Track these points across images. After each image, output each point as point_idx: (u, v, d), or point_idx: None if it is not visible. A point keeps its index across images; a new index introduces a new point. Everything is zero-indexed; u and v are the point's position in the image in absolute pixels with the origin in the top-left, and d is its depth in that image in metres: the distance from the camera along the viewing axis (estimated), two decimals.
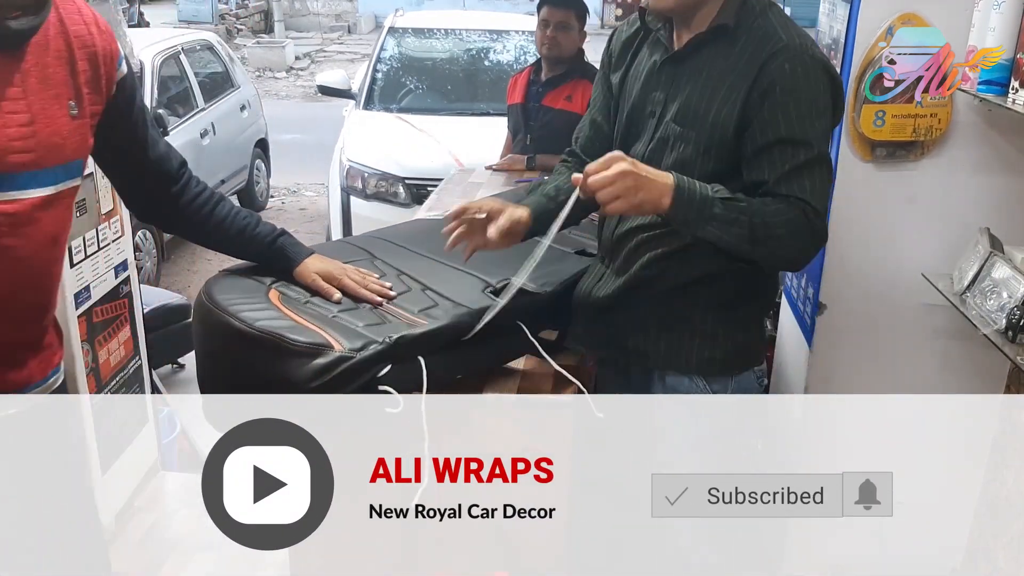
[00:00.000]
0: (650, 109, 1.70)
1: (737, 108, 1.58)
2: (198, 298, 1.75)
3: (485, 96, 5.80)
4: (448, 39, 6.16)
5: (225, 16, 17.01)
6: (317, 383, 1.53)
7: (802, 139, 1.56)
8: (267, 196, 7.41)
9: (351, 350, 1.56)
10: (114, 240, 2.58)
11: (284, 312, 1.67)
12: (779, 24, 1.60)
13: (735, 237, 1.55)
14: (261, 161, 7.30)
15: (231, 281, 1.81)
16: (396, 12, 6.39)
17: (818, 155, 1.58)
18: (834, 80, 1.62)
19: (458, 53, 6.10)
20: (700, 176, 1.57)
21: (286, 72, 13.98)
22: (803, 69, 1.56)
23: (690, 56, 1.65)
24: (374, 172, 4.91)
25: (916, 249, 2.14)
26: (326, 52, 15.51)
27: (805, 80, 1.56)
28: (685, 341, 1.72)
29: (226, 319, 1.63)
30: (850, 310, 2.20)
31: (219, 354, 1.71)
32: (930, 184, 2.11)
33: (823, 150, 1.60)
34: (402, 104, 5.66)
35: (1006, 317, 1.81)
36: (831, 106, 1.62)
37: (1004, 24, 1.82)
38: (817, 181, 1.58)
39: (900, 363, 2.24)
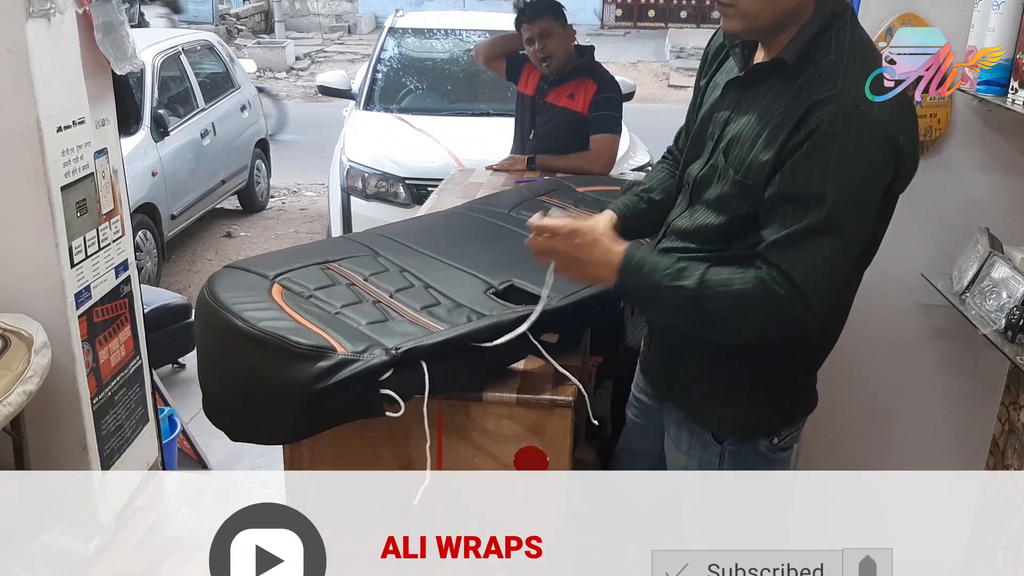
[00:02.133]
0: (711, 129, 1.56)
1: (772, 154, 1.40)
2: (200, 295, 1.74)
3: (485, 96, 5.80)
4: (448, 39, 6.17)
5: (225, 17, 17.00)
6: (320, 386, 1.53)
7: (816, 200, 1.35)
8: (267, 196, 7.41)
9: (354, 353, 1.56)
10: (115, 240, 2.58)
11: (287, 311, 1.67)
12: (847, 67, 1.38)
13: (682, 322, 1.48)
14: (261, 161, 7.30)
15: (234, 278, 1.81)
16: (396, 12, 6.40)
17: (828, 223, 1.35)
18: (892, 143, 1.37)
19: (458, 53, 6.10)
20: (735, 217, 1.46)
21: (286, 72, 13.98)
22: (847, 122, 1.34)
23: (753, 83, 1.49)
24: (374, 172, 4.92)
25: (915, 249, 2.14)
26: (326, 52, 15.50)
27: (845, 135, 1.33)
28: (705, 388, 1.60)
29: (229, 318, 1.63)
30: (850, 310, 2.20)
31: (221, 353, 1.71)
32: (929, 184, 2.10)
33: (839, 222, 1.36)
34: (402, 104, 5.66)
35: (1005, 317, 1.81)
36: (877, 173, 1.38)
37: (1003, 24, 1.82)
38: (812, 254, 1.36)
39: (900, 363, 2.24)
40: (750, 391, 1.57)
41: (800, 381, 1.63)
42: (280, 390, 1.58)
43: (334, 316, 1.67)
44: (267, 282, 1.78)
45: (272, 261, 1.93)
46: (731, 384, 1.57)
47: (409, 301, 1.75)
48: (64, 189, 2.30)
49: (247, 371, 1.64)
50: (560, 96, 3.45)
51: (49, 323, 2.29)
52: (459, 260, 1.95)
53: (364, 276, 1.87)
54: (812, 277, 1.36)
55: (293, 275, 1.83)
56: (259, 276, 1.81)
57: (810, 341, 1.55)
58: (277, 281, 1.79)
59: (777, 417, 1.61)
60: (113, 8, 2.41)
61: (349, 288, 1.81)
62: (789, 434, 1.63)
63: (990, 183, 2.10)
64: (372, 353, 1.55)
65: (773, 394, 1.59)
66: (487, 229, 2.23)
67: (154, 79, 5.66)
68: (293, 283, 1.79)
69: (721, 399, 1.58)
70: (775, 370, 1.56)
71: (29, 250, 2.30)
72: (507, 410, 1.68)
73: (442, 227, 2.28)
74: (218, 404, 1.73)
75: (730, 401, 1.58)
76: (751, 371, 1.55)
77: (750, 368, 1.55)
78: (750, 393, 1.57)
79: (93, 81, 2.43)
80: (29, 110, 2.19)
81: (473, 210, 2.43)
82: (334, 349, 1.56)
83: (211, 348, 1.73)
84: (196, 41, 6.71)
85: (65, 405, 2.43)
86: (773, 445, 1.61)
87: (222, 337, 1.66)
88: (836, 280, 1.41)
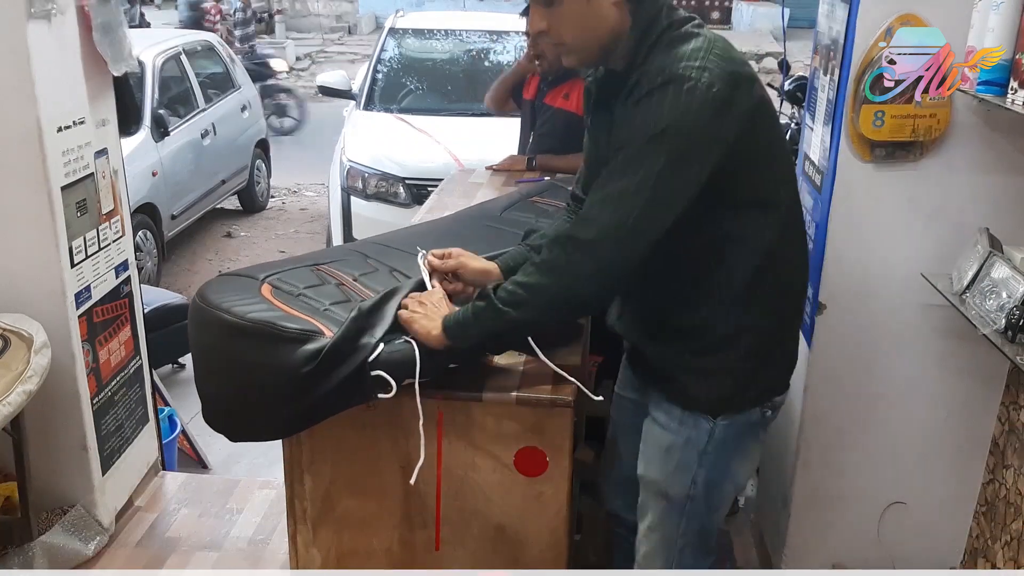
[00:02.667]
0: (602, 155, 1.61)
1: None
2: (192, 301, 1.76)
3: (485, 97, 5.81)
4: (448, 40, 6.17)
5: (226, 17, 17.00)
6: (308, 368, 1.54)
7: (623, 145, 1.45)
8: (268, 196, 7.41)
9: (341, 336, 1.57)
10: (115, 240, 2.58)
11: (276, 304, 1.69)
12: (671, 60, 1.44)
13: (511, 327, 1.54)
14: (262, 161, 7.31)
15: (225, 283, 1.83)
16: (397, 13, 6.40)
17: (634, 153, 1.42)
18: (727, 79, 1.42)
19: (458, 54, 6.10)
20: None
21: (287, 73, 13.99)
22: (669, 80, 1.41)
23: (611, 101, 1.58)
24: (374, 172, 4.92)
25: (915, 249, 2.14)
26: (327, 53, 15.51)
27: (662, 90, 1.41)
28: (693, 375, 1.64)
29: (218, 315, 1.65)
30: (849, 310, 2.20)
31: (213, 351, 1.71)
32: (929, 184, 2.11)
33: (644, 152, 1.42)
34: (402, 104, 5.67)
35: (1005, 317, 1.81)
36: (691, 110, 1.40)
37: (1003, 24, 1.82)
38: (608, 192, 1.45)
39: (899, 363, 2.24)
40: (739, 369, 1.61)
41: (784, 346, 1.69)
42: (270, 376, 1.59)
43: (323, 312, 1.68)
44: (256, 282, 1.79)
45: (263, 266, 1.96)
46: (720, 367, 1.61)
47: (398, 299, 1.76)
48: (64, 189, 2.31)
49: (238, 363, 1.65)
50: (556, 97, 3.45)
51: (49, 323, 2.29)
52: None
53: (353, 276, 1.88)
54: (600, 216, 1.45)
55: (283, 275, 1.84)
56: (249, 278, 1.82)
57: (781, 306, 1.63)
58: (267, 281, 1.80)
59: (768, 388, 1.67)
60: (112, 8, 2.42)
61: (338, 288, 1.82)
62: (775, 406, 1.69)
63: (990, 183, 2.09)
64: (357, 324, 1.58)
65: (762, 367, 1.64)
66: (480, 231, 2.25)
67: (154, 79, 5.67)
68: (283, 282, 1.80)
69: (712, 383, 1.62)
70: (763, 344, 1.61)
71: (29, 250, 2.30)
72: (507, 410, 1.68)
73: (433, 231, 2.31)
74: (215, 406, 1.74)
75: (722, 385, 1.62)
76: (737, 353, 1.60)
77: (737, 350, 1.59)
78: (740, 371, 1.61)
79: (93, 81, 2.44)
80: (29, 110, 2.19)
81: (466, 216, 2.46)
82: (321, 332, 1.57)
83: (204, 348, 1.74)
84: (196, 41, 6.71)
85: (65, 405, 2.43)
86: (765, 416, 1.68)
87: (213, 334, 1.67)
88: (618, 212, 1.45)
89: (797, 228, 1.65)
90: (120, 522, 2.67)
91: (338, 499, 1.80)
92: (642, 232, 1.45)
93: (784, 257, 1.60)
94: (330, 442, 1.74)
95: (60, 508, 2.51)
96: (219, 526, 2.70)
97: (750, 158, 1.50)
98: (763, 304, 1.59)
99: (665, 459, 1.68)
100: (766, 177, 1.56)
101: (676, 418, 1.65)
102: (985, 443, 2.29)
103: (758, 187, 1.54)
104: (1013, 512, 2.13)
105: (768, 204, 1.56)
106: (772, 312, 1.61)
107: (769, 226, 1.55)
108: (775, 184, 1.58)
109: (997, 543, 2.20)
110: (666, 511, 1.71)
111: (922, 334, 2.21)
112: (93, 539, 2.52)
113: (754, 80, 1.49)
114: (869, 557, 2.41)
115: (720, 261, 1.56)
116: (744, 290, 1.56)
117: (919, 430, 2.31)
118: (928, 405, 2.27)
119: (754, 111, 1.48)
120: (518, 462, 1.72)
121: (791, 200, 1.61)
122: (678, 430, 1.65)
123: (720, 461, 1.66)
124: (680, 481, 1.68)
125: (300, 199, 7.60)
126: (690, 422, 1.64)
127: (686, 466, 1.66)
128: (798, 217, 1.65)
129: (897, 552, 2.40)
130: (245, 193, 7.03)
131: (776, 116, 1.66)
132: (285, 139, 9.18)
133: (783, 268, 1.61)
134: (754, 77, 1.50)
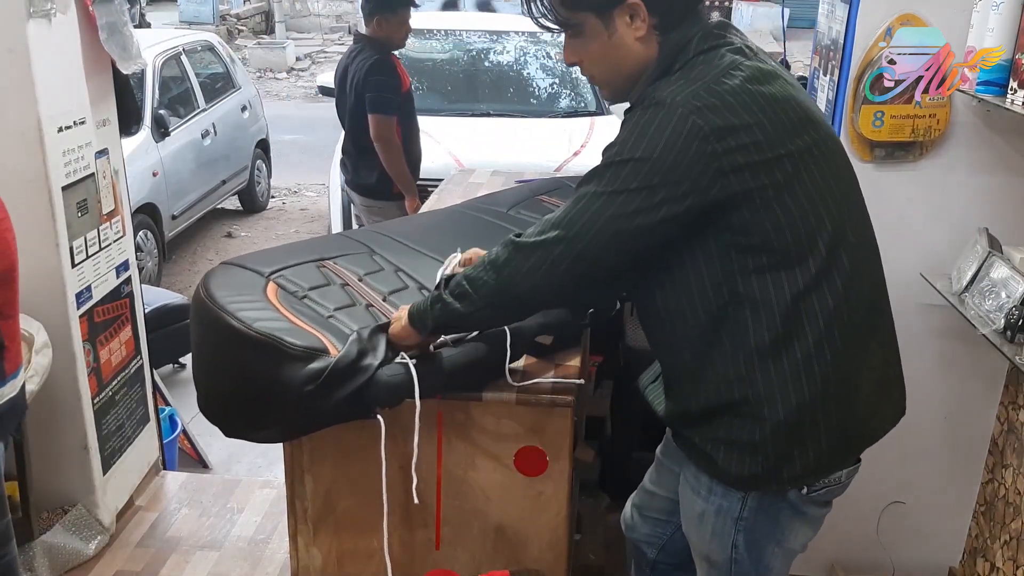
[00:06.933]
0: None
1: None
2: (196, 292, 1.75)
3: (485, 97, 5.80)
4: (448, 40, 6.17)
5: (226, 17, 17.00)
6: (311, 387, 1.53)
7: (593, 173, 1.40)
8: (268, 196, 7.41)
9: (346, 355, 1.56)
10: (115, 240, 2.58)
11: (281, 312, 1.67)
12: (672, 87, 1.36)
13: (478, 319, 1.54)
14: (262, 161, 7.31)
15: (230, 275, 1.81)
16: None
17: (600, 167, 1.38)
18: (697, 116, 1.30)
19: (458, 54, 6.10)
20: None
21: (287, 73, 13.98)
22: (653, 113, 1.34)
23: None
24: None
25: (915, 249, 2.14)
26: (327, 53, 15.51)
27: (642, 120, 1.35)
28: (720, 442, 1.47)
29: (224, 318, 1.63)
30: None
31: (216, 351, 1.71)
32: (929, 184, 2.11)
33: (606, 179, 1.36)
34: None
35: (1004, 317, 1.81)
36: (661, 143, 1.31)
37: (1003, 25, 1.82)
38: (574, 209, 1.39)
39: None
40: (768, 445, 1.43)
41: (828, 420, 1.44)
42: (273, 390, 1.58)
43: (327, 320, 1.67)
44: (262, 280, 1.78)
45: (268, 258, 1.94)
46: (747, 440, 1.44)
47: (401, 304, 1.75)
48: (65, 189, 2.31)
49: (241, 370, 1.64)
50: None
51: (50, 323, 2.29)
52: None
53: (359, 276, 1.88)
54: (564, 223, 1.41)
55: (288, 273, 1.83)
56: (254, 273, 1.81)
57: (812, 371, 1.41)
58: (272, 279, 1.79)
59: (809, 469, 1.46)
60: (116, 8, 2.42)
61: (343, 289, 1.82)
62: (825, 486, 1.49)
63: (990, 183, 2.09)
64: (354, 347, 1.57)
65: (794, 441, 1.43)
66: (485, 228, 2.23)
67: (155, 79, 5.67)
68: (288, 281, 1.79)
69: (739, 458, 1.45)
70: (797, 418, 1.41)
71: (30, 250, 2.29)
72: (507, 409, 1.69)
73: (440, 226, 2.29)
74: (212, 399, 1.74)
75: (752, 462, 1.44)
76: (764, 418, 1.42)
77: (763, 415, 1.42)
78: (771, 448, 1.43)
79: (94, 81, 2.44)
80: (30, 110, 2.19)
81: (473, 209, 2.43)
82: (327, 350, 1.56)
83: (206, 345, 1.73)
84: (197, 42, 6.71)
85: (66, 405, 2.44)
86: (804, 495, 1.49)
87: (217, 336, 1.67)
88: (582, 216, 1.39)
89: (846, 282, 1.42)
90: (121, 522, 2.68)
91: (338, 499, 1.80)
92: (584, 242, 1.38)
93: (819, 317, 1.39)
94: (331, 442, 1.74)
95: (61, 507, 2.52)
96: (220, 526, 2.71)
97: (756, 207, 1.34)
98: (791, 373, 1.40)
99: (700, 525, 1.57)
100: (790, 228, 1.36)
101: (705, 485, 1.53)
102: (984, 443, 2.29)
103: (771, 239, 1.36)
104: (1012, 511, 2.13)
105: (791, 258, 1.37)
106: (807, 382, 1.40)
107: (793, 283, 1.37)
108: (807, 235, 1.37)
109: (996, 542, 2.20)
110: (711, 574, 1.62)
111: (921, 334, 2.21)
112: (94, 539, 2.52)
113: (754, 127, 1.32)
114: (868, 556, 2.41)
115: (730, 323, 1.40)
116: (760, 357, 1.40)
117: (918, 430, 2.30)
118: (927, 405, 2.27)
119: (754, 165, 1.32)
120: (518, 462, 1.72)
121: (832, 250, 1.40)
122: (708, 498, 1.53)
123: (761, 528, 1.52)
124: (719, 547, 1.56)
125: (300, 199, 7.60)
126: (719, 491, 1.51)
127: (722, 532, 1.54)
128: (850, 270, 1.43)
129: (896, 552, 2.40)
130: (245, 193, 7.03)
131: (828, 160, 1.42)
132: (286, 139, 9.18)
133: (814, 329, 1.39)
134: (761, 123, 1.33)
